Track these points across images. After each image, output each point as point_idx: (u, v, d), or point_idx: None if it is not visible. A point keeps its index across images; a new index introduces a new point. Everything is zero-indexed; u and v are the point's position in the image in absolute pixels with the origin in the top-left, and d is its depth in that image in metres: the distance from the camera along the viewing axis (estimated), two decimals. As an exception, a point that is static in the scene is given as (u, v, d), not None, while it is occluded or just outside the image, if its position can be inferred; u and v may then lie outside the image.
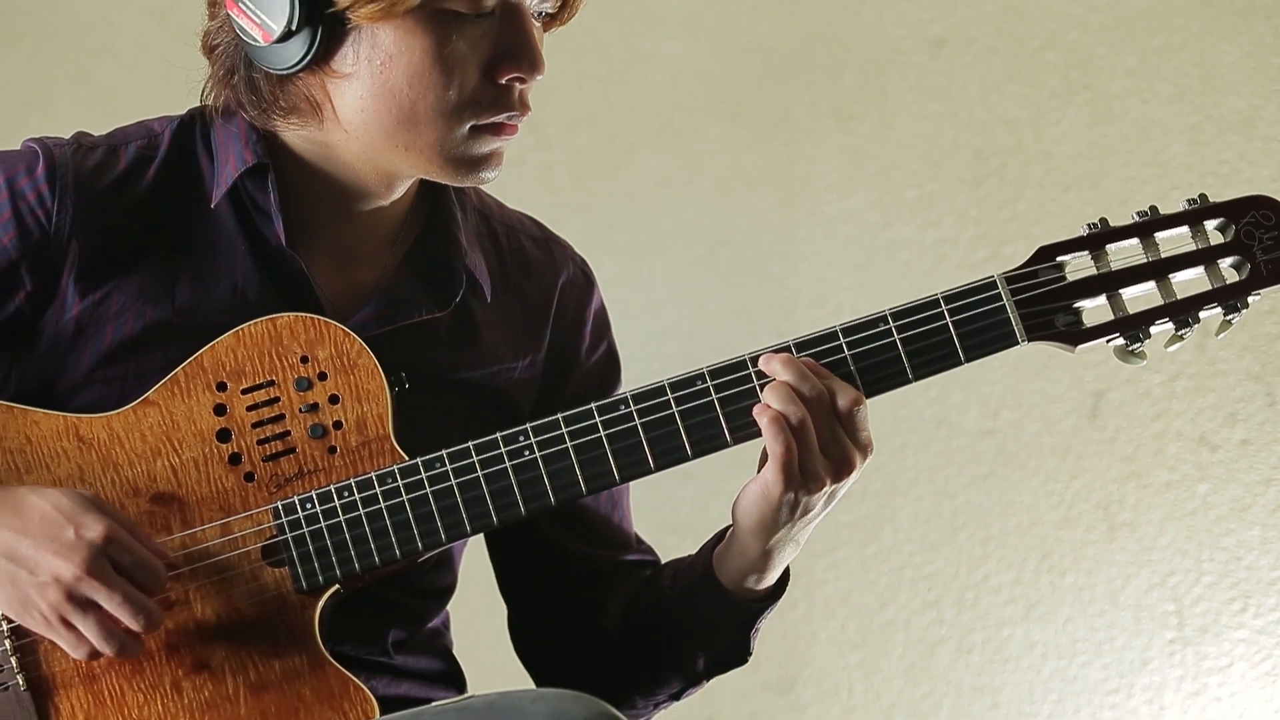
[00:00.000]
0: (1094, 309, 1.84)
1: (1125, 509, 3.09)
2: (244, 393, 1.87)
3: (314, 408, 1.87)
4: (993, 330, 1.83)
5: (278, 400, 1.87)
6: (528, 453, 1.84)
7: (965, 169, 3.18)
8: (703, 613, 1.97)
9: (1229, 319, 1.83)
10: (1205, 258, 1.83)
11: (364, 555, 1.85)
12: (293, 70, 1.86)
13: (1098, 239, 1.83)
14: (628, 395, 1.85)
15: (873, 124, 3.24)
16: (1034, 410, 3.14)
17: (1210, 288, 1.83)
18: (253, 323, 1.88)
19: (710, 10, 3.35)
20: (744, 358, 1.84)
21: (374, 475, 1.85)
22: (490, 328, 2.03)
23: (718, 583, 1.95)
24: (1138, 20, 3.12)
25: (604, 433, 1.84)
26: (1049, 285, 1.83)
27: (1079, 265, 1.84)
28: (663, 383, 1.85)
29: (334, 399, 1.87)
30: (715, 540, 1.96)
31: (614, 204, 3.33)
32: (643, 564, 2.12)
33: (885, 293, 1.87)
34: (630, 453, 1.84)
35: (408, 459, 1.86)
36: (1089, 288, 1.83)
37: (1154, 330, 1.84)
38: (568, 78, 3.30)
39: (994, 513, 3.16)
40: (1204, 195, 1.85)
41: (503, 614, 2.17)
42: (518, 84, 1.88)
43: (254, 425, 1.87)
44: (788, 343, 1.84)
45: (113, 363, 1.90)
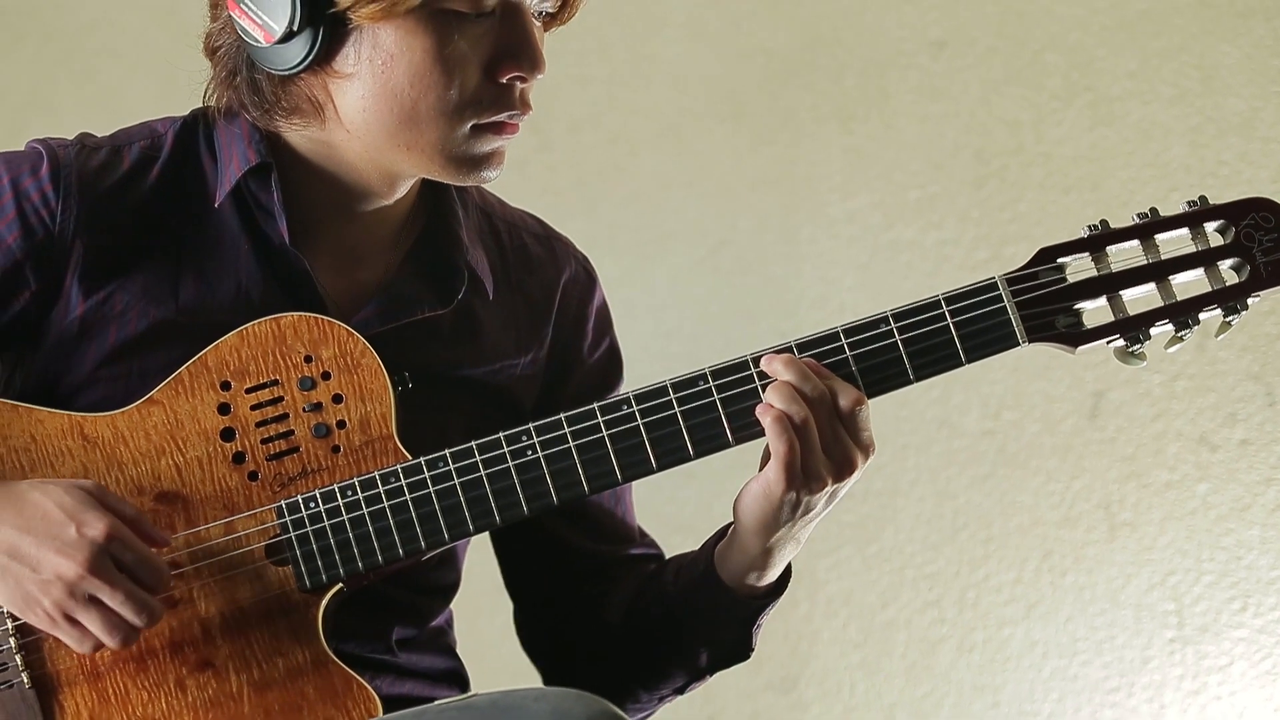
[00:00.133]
0: (1094, 310, 1.84)
1: (1126, 509, 3.09)
2: (248, 392, 1.87)
3: (318, 407, 1.88)
4: (994, 331, 1.83)
5: (281, 399, 1.88)
6: (530, 452, 1.85)
7: (967, 170, 3.18)
8: (705, 609, 1.97)
9: (1228, 320, 1.84)
10: (1205, 259, 1.83)
11: (367, 554, 1.85)
12: (294, 71, 1.86)
13: (1098, 241, 1.84)
14: (630, 395, 1.85)
15: (874, 126, 3.24)
16: (1035, 411, 3.14)
17: (1210, 289, 1.83)
18: (257, 322, 1.88)
19: (713, 13, 3.34)
20: (746, 358, 1.84)
21: (377, 474, 1.85)
22: (492, 325, 2.03)
23: (719, 580, 1.95)
24: (1138, 22, 3.11)
25: (606, 433, 1.84)
26: (1050, 287, 1.83)
27: (1079, 267, 1.84)
28: (665, 383, 1.85)
29: (337, 398, 1.88)
30: (717, 537, 1.97)
31: (617, 205, 3.33)
32: (646, 558, 2.12)
33: (887, 294, 1.87)
34: (633, 452, 1.85)
35: (411, 458, 1.86)
36: (1089, 289, 1.84)
37: (1154, 331, 1.84)
38: (571, 80, 3.30)
39: (995, 512, 3.16)
40: (1204, 197, 1.85)
41: (505, 613, 2.17)
42: (519, 83, 1.88)
43: (258, 424, 1.87)
44: (789, 343, 1.84)
45: (117, 362, 1.90)
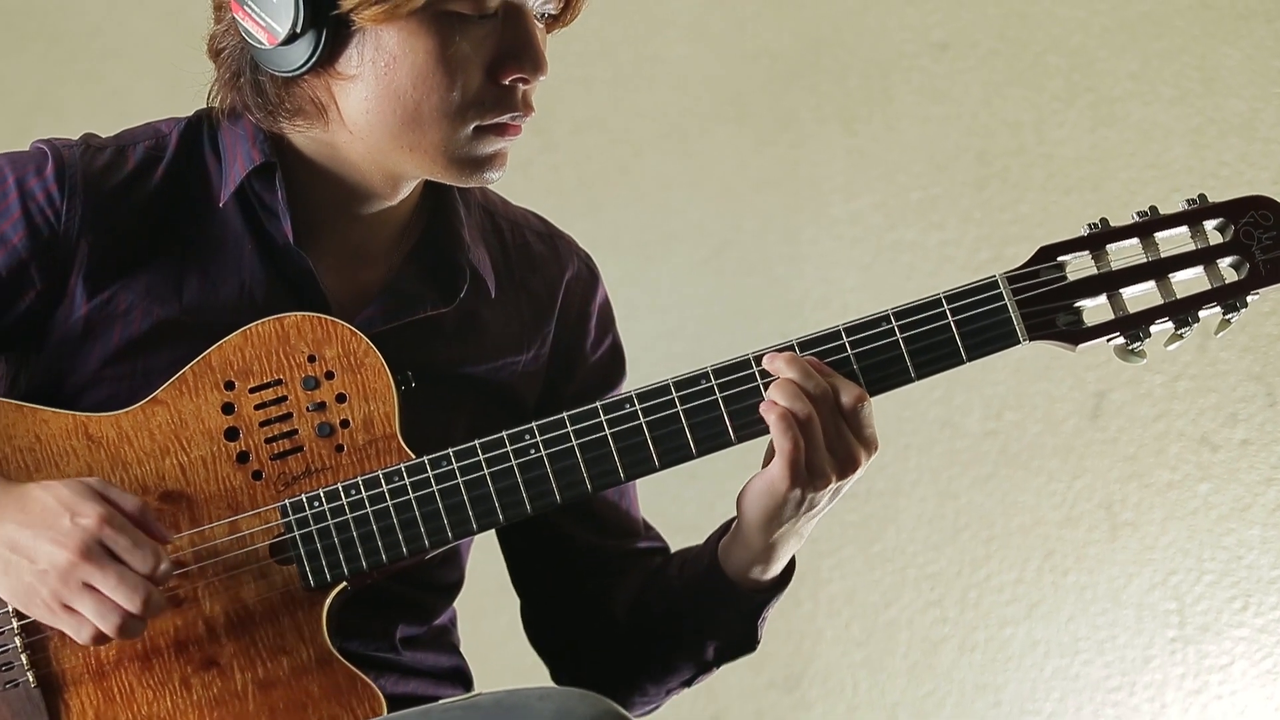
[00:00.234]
0: (1094, 308, 1.84)
1: (1127, 508, 3.09)
2: (252, 391, 1.88)
3: (321, 406, 1.88)
4: (994, 329, 1.83)
5: (285, 399, 1.88)
6: (534, 451, 1.85)
7: (968, 171, 3.18)
8: (710, 603, 1.98)
9: (1228, 318, 1.84)
10: (1205, 257, 1.83)
11: (371, 553, 1.85)
12: (298, 72, 1.86)
13: (1098, 239, 1.84)
14: (633, 394, 1.85)
15: (877, 127, 3.24)
16: (1036, 411, 3.14)
17: (1210, 287, 1.83)
18: (260, 322, 1.88)
19: (716, 14, 3.35)
20: (748, 357, 1.84)
21: (381, 474, 1.85)
22: (495, 322, 2.03)
23: (723, 574, 1.95)
24: (1139, 24, 3.12)
25: (609, 431, 1.84)
26: (1050, 285, 1.83)
27: (1080, 265, 1.84)
28: (667, 381, 1.85)
29: (341, 398, 1.88)
30: (720, 532, 1.97)
31: (621, 206, 3.33)
32: (651, 551, 2.12)
33: (889, 294, 1.87)
34: (635, 451, 1.85)
35: (414, 457, 1.86)
36: (1089, 287, 1.84)
37: (1154, 329, 1.84)
38: (575, 81, 3.30)
39: (997, 512, 3.16)
40: (1203, 195, 1.85)
41: (510, 613, 2.17)
42: (521, 84, 1.88)
43: (262, 424, 1.87)
44: (791, 342, 1.84)
45: (121, 361, 1.91)
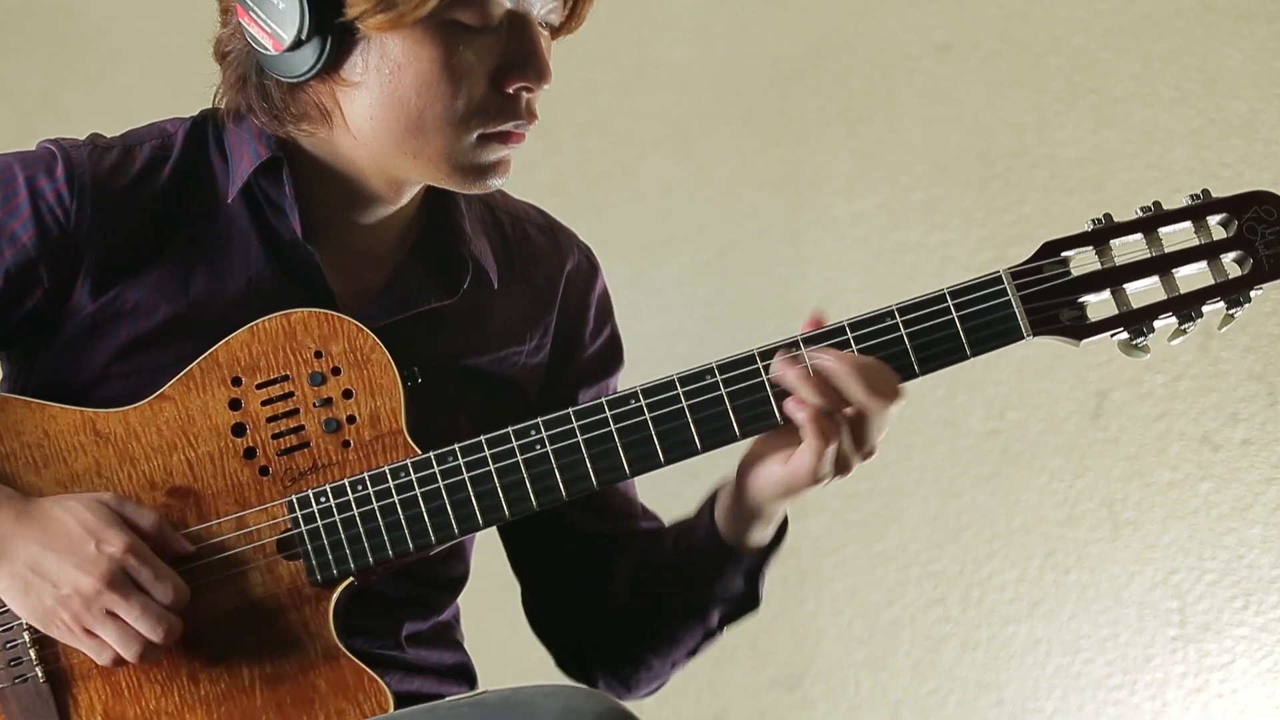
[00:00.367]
0: (1098, 303, 1.84)
1: (1129, 508, 3.09)
2: (259, 387, 1.88)
3: (328, 402, 1.88)
4: (998, 325, 1.83)
5: (292, 395, 1.88)
6: (539, 447, 1.85)
7: (971, 172, 3.19)
8: (710, 566, 1.97)
9: (1231, 313, 1.84)
10: (1208, 252, 1.83)
11: (377, 548, 1.85)
12: (303, 78, 1.86)
13: (1102, 234, 1.84)
14: (638, 390, 1.85)
15: (879, 128, 3.24)
16: (1038, 410, 3.15)
17: (1213, 282, 1.83)
18: (267, 318, 1.88)
19: (719, 16, 3.35)
20: (753, 352, 1.84)
21: (387, 469, 1.86)
22: (498, 314, 2.04)
23: (721, 539, 1.95)
24: (1141, 25, 3.12)
25: (614, 427, 1.85)
26: (1054, 280, 1.83)
27: (1083, 260, 1.84)
28: (672, 377, 1.85)
29: (347, 394, 1.88)
30: (710, 501, 1.97)
31: (624, 207, 3.34)
32: (649, 532, 2.12)
33: (892, 294, 1.87)
34: (640, 446, 1.85)
35: (420, 453, 1.86)
36: (1093, 282, 1.83)
37: (1157, 324, 1.84)
38: (578, 84, 3.30)
39: (999, 511, 3.16)
40: (1206, 191, 1.84)
41: (513, 611, 2.17)
42: (525, 93, 1.88)
43: (269, 420, 1.88)
44: (796, 338, 1.84)
45: (128, 358, 1.91)
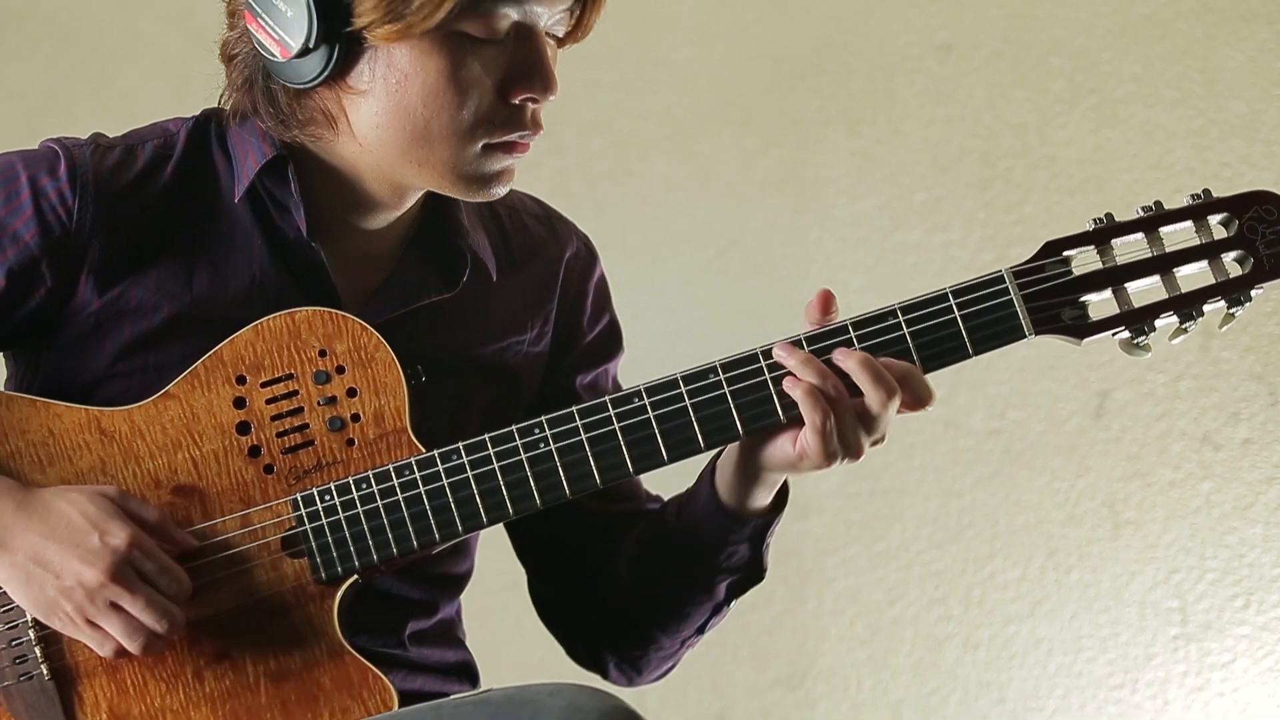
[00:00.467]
0: (1100, 302, 1.85)
1: (1130, 507, 3.09)
2: (263, 386, 1.88)
3: (332, 401, 1.88)
4: (1000, 324, 1.84)
5: (296, 393, 1.88)
6: (543, 445, 1.85)
7: (972, 173, 3.19)
8: (713, 533, 1.96)
9: (1232, 312, 1.84)
10: (1209, 252, 1.84)
11: (382, 546, 1.86)
12: (309, 85, 1.87)
13: (1103, 234, 1.84)
14: (641, 388, 1.86)
15: (881, 128, 3.25)
16: (1040, 410, 3.15)
17: (1214, 281, 1.83)
18: (271, 317, 1.89)
19: (721, 17, 3.35)
20: (755, 351, 1.85)
21: (391, 467, 1.86)
22: (498, 305, 2.04)
23: (723, 503, 1.95)
24: (1142, 26, 3.12)
25: (618, 425, 1.85)
26: (1055, 279, 1.84)
27: (1085, 260, 1.85)
28: (676, 375, 1.85)
29: (352, 392, 1.88)
30: (711, 470, 1.97)
31: (627, 208, 3.34)
32: (652, 510, 2.12)
33: (894, 295, 1.87)
34: (644, 444, 1.85)
35: (424, 451, 1.87)
36: (1094, 281, 1.84)
37: (1159, 323, 1.84)
38: (581, 84, 3.30)
39: (1000, 511, 3.16)
40: (1207, 190, 1.85)
41: (516, 610, 2.17)
42: (530, 104, 1.88)
43: (273, 418, 1.88)
44: (799, 336, 1.85)
45: (132, 356, 1.92)
